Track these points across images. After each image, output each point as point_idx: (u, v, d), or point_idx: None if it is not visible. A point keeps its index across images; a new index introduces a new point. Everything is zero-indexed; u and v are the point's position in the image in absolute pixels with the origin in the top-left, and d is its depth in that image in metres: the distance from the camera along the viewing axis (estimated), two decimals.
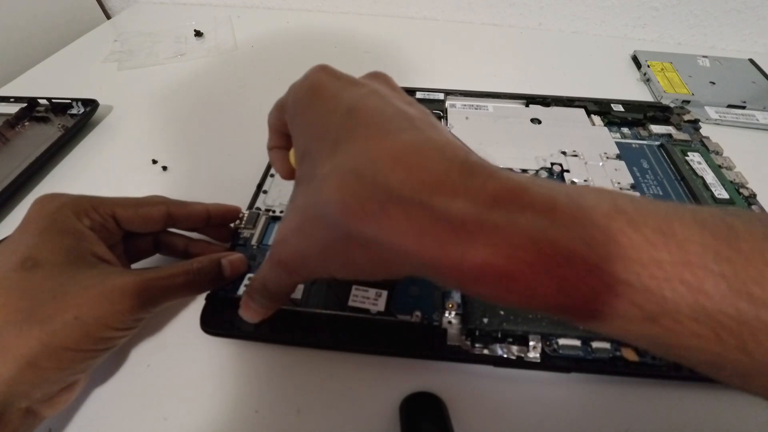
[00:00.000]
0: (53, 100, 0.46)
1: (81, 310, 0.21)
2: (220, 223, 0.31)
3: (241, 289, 0.28)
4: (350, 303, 0.27)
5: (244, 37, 0.62)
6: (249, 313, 0.24)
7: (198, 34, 0.63)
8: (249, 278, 0.28)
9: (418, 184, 0.14)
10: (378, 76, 0.21)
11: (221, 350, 0.27)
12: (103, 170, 0.42)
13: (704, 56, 0.55)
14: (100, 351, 0.22)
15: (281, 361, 0.27)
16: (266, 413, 0.25)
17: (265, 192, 0.36)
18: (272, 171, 0.38)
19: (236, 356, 0.27)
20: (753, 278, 0.12)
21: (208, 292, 0.27)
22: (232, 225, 0.32)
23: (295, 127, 0.20)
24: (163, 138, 0.45)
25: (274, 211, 0.34)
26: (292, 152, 0.23)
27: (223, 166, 0.41)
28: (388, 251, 0.15)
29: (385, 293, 0.27)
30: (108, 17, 0.74)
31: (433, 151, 0.15)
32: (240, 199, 0.35)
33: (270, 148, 0.25)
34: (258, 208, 0.34)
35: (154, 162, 0.42)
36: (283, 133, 0.23)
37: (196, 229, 0.30)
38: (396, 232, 0.14)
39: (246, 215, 0.33)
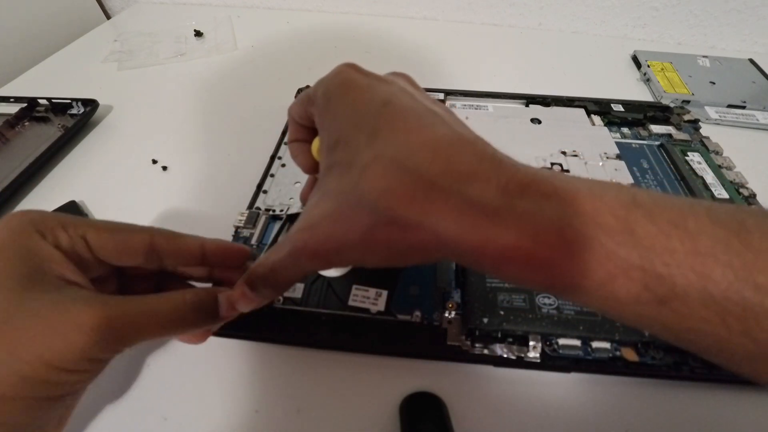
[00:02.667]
0: (53, 100, 0.46)
1: (18, 345, 0.16)
2: (220, 264, 0.24)
3: None
4: (350, 302, 0.27)
5: (244, 37, 0.62)
6: (245, 303, 0.21)
7: (198, 34, 0.63)
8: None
9: (455, 174, 0.16)
10: (402, 76, 0.21)
11: (221, 350, 0.27)
12: (103, 170, 0.42)
13: (704, 56, 0.55)
14: (44, 401, 0.18)
15: (281, 361, 0.27)
16: (266, 413, 0.25)
17: (264, 192, 0.36)
18: (272, 171, 0.38)
19: (236, 356, 0.27)
20: (759, 269, 0.13)
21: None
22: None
23: (326, 117, 0.20)
24: (163, 138, 0.45)
25: (273, 211, 0.34)
26: (315, 143, 0.23)
27: (223, 166, 0.41)
28: (429, 235, 0.16)
29: (385, 293, 0.27)
30: (108, 17, 0.74)
31: (467, 145, 0.17)
32: (240, 199, 0.35)
33: (290, 142, 0.24)
34: (258, 208, 0.34)
35: (154, 162, 0.42)
36: (304, 126, 0.23)
37: (191, 268, 0.24)
38: (438, 217, 0.16)
39: (246, 215, 0.33)
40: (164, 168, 0.41)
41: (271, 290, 0.21)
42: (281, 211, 0.34)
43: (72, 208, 0.36)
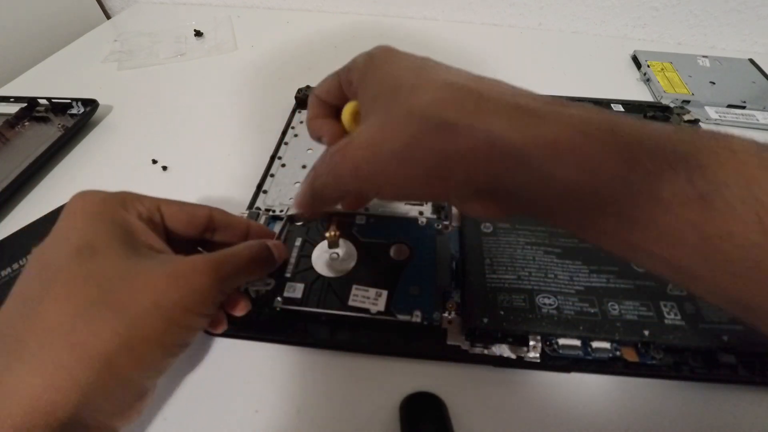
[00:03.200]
0: (53, 100, 0.46)
1: (158, 294, 0.19)
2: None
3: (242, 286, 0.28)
4: (350, 302, 0.27)
5: (244, 37, 0.62)
6: (303, 203, 0.22)
7: (198, 34, 0.63)
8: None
9: (500, 92, 0.17)
10: None
11: (221, 350, 0.27)
12: (103, 170, 0.42)
13: (704, 56, 0.55)
14: (179, 346, 0.21)
15: (281, 361, 0.27)
16: (266, 413, 0.25)
17: (265, 192, 0.36)
18: (272, 171, 0.38)
19: (236, 356, 0.27)
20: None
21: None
22: None
23: (369, 76, 0.20)
24: (163, 138, 0.45)
25: (273, 211, 0.34)
26: (348, 108, 0.23)
27: (223, 166, 0.41)
28: (480, 135, 0.16)
29: (385, 293, 0.27)
30: (108, 17, 0.74)
31: (501, 82, 0.18)
32: (239, 199, 0.35)
33: (311, 119, 0.25)
34: (258, 208, 0.34)
35: (154, 162, 0.42)
36: (328, 103, 0.24)
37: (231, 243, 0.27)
38: (489, 119, 0.16)
39: (246, 215, 0.33)
40: (164, 168, 0.41)
41: (320, 205, 0.22)
42: (281, 211, 0.34)
43: None
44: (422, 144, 0.16)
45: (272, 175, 0.37)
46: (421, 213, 0.33)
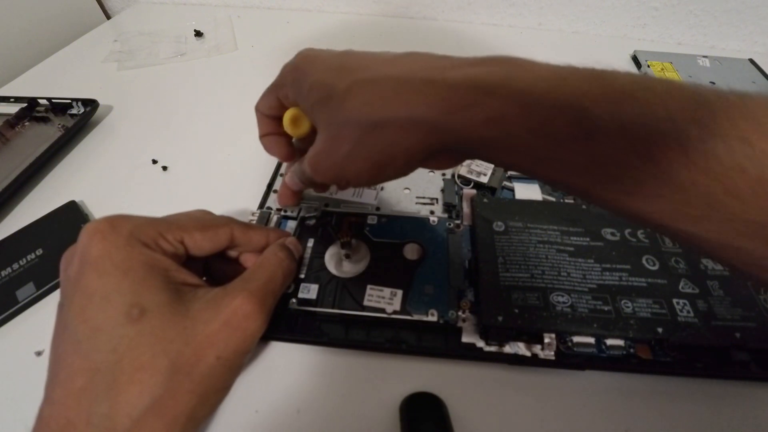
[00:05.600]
0: (53, 100, 0.46)
1: (219, 348, 0.19)
2: None
3: None
4: (366, 303, 0.27)
5: (244, 37, 0.62)
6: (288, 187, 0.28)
7: (198, 34, 0.62)
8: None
9: (414, 69, 0.19)
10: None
11: None
12: (103, 170, 0.41)
13: (704, 56, 0.55)
14: (237, 376, 0.21)
15: (281, 361, 0.27)
16: (266, 413, 0.25)
17: (275, 191, 0.36)
18: (281, 171, 0.37)
19: None
20: None
21: None
22: None
23: (299, 82, 0.23)
24: (163, 138, 0.45)
25: (285, 211, 0.34)
26: (287, 115, 0.25)
27: (223, 166, 0.41)
28: (406, 124, 0.18)
29: (400, 292, 0.27)
30: (108, 17, 0.73)
31: (417, 53, 0.20)
32: (239, 199, 0.35)
33: (262, 137, 0.28)
34: (269, 208, 0.34)
35: (154, 162, 0.41)
36: (273, 117, 0.27)
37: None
38: (407, 102, 0.18)
39: (258, 214, 0.33)
40: (164, 168, 0.41)
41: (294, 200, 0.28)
42: (291, 210, 0.33)
43: (72, 208, 0.36)
44: (365, 144, 0.20)
45: (281, 175, 0.37)
46: (432, 212, 0.32)
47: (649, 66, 0.53)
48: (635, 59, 0.57)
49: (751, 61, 0.55)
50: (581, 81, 0.16)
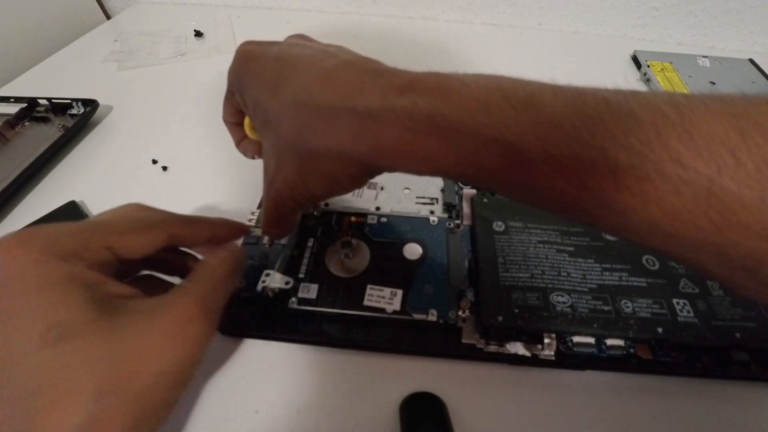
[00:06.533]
0: (53, 100, 0.46)
1: (158, 361, 0.18)
2: (224, 240, 0.26)
3: (259, 286, 0.27)
4: (366, 302, 0.27)
5: (244, 37, 0.61)
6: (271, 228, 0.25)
7: (198, 34, 0.62)
8: (266, 274, 0.27)
9: (343, 95, 0.18)
10: (295, 35, 0.25)
11: (220, 349, 0.27)
12: (103, 170, 0.41)
13: (704, 56, 0.55)
14: (185, 386, 0.20)
15: (281, 361, 0.27)
16: (266, 413, 0.25)
17: None
18: None
19: (236, 355, 0.27)
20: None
21: None
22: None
23: (242, 93, 0.23)
24: (163, 138, 0.45)
25: None
26: (247, 121, 0.26)
27: (223, 166, 0.41)
28: (335, 155, 0.19)
29: (400, 292, 0.27)
30: (108, 17, 0.73)
31: (350, 67, 0.19)
32: (239, 200, 0.35)
33: (237, 144, 0.29)
34: None
35: (154, 162, 0.41)
36: (239, 123, 0.27)
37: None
38: (336, 135, 0.18)
39: (257, 214, 0.32)
40: (164, 168, 0.41)
41: (277, 230, 0.26)
42: None
43: (72, 208, 0.36)
44: (306, 168, 0.20)
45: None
46: (432, 212, 0.32)
47: (649, 66, 0.53)
48: (635, 59, 0.57)
49: (751, 61, 0.55)
50: (509, 111, 0.16)
